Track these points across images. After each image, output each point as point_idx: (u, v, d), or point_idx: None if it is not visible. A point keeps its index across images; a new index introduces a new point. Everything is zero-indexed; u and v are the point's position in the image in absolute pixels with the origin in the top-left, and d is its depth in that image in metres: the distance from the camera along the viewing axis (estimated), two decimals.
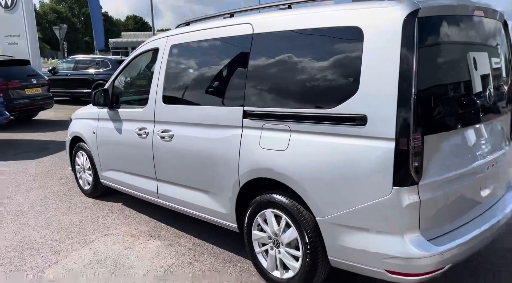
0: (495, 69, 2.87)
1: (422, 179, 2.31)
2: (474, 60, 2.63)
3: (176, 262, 3.39)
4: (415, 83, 2.20)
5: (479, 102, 2.66)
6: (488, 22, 2.82)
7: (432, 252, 2.30)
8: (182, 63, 3.57)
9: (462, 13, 2.56)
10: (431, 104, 2.32)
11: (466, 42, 2.64)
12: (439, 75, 2.39)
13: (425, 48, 2.28)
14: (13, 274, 3.25)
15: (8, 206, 4.79)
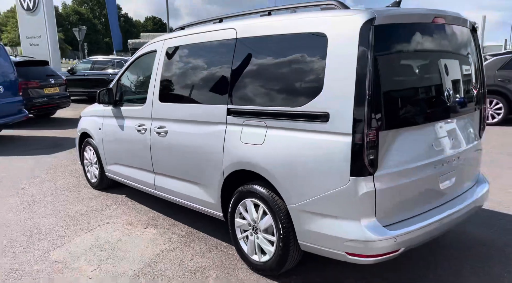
0: (457, 72, 3.09)
1: (378, 170, 2.55)
2: (431, 63, 2.87)
3: (168, 247, 3.69)
4: (369, 84, 2.45)
5: (436, 102, 2.88)
6: (451, 28, 3.03)
7: (386, 236, 2.55)
8: (175, 65, 3.88)
9: (420, 21, 2.79)
10: (386, 103, 2.55)
11: (423, 47, 2.86)
12: (393, 77, 2.62)
13: (380, 53, 2.52)
14: (21, 254, 3.61)
15: (22, 196, 5.19)
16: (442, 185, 2.95)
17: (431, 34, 2.88)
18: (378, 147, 2.55)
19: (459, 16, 3.15)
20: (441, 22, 2.90)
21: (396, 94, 2.63)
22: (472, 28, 3.31)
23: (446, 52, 3.02)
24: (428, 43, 2.88)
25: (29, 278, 3.21)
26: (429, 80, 2.87)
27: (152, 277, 3.19)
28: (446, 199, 3.02)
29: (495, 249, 3.53)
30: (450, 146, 3.00)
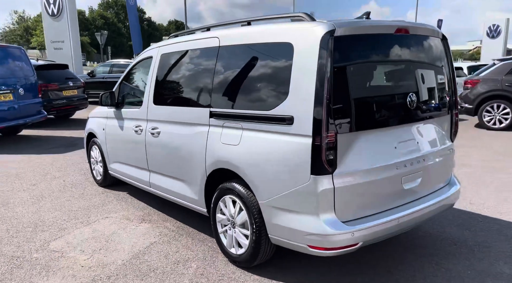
0: (422, 79, 3.25)
1: (337, 170, 2.75)
2: (392, 71, 3.04)
3: (158, 241, 3.96)
4: (327, 90, 2.65)
5: (398, 107, 3.05)
6: (417, 38, 3.21)
7: (343, 231, 2.74)
8: (168, 70, 4.16)
9: (382, 32, 2.97)
10: (344, 108, 2.75)
11: (384, 56, 3.05)
12: (352, 84, 2.80)
13: (339, 61, 2.72)
14: (24, 244, 3.94)
15: (32, 191, 5.57)
16: (405, 186, 3.11)
17: (393, 44, 3.06)
18: (337, 148, 2.74)
19: (427, 27, 3.32)
20: (404, 33, 3.08)
21: (355, 100, 2.81)
22: (443, 37, 3.47)
23: (410, 61, 3.19)
24: (390, 52, 3.06)
25: (28, 265, 3.52)
26: (390, 86, 3.05)
27: (138, 267, 3.45)
28: (411, 198, 3.18)
29: (465, 248, 3.66)
30: (414, 149, 3.16)
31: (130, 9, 21.41)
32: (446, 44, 3.51)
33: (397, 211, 3.03)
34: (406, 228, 3.17)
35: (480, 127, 10.26)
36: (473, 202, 4.84)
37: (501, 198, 4.97)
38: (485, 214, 4.46)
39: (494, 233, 3.96)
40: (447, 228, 4.10)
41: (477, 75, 10.39)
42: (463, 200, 4.87)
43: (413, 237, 3.91)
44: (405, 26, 3.08)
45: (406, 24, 3.11)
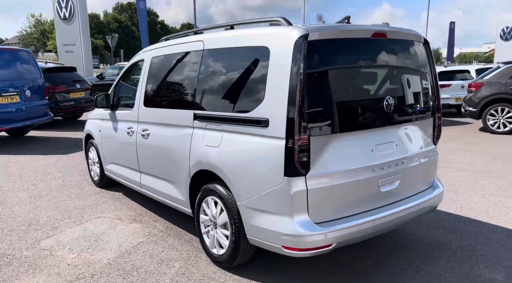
0: (400, 83, 3.27)
1: (310, 171, 2.78)
2: (368, 75, 3.06)
3: (145, 240, 4.03)
4: (300, 93, 2.69)
5: (374, 111, 3.07)
6: (396, 43, 3.23)
7: (316, 232, 2.77)
8: (157, 73, 4.24)
9: (358, 36, 3.00)
10: (317, 111, 2.78)
11: (360, 60, 3.07)
12: (326, 88, 2.83)
13: (312, 65, 2.75)
14: (16, 242, 4.04)
15: (31, 191, 5.70)
16: (383, 188, 3.12)
17: (370, 48, 3.09)
18: (310, 151, 2.77)
19: (409, 31, 3.34)
20: (382, 37, 3.10)
21: (328, 103, 2.84)
22: (425, 42, 3.48)
23: (388, 65, 3.21)
24: (367, 56, 3.09)
25: (17, 262, 3.62)
26: (366, 90, 3.07)
27: (122, 266, 3.52)
28: (389, 201, 3.19)
29: (448, 251, 3.65)
30: (393, 152, 3.18)
31: (140, 12, 21.69)
32: (428, 49, 3.53)
33: (373, 213, 3.05)
34: (384, 230, 3.18)
35: (484, 131, 10.13)
36: (464, 206, 4.81)
37: (492, 202, 4.92)
38: (474, 217, 4.43)
39: (480, 237, 3.93)
40: (432, 231, 4.09)
41: (481, 78, 10.28)
42: (454, 204, 4.85)
43: (396, 239, 3.91)
44: (382, 30, 3.11)
45: (383, 29, 3.13)
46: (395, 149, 3.21)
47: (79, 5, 18.78)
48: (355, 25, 3.09)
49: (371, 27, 3.08)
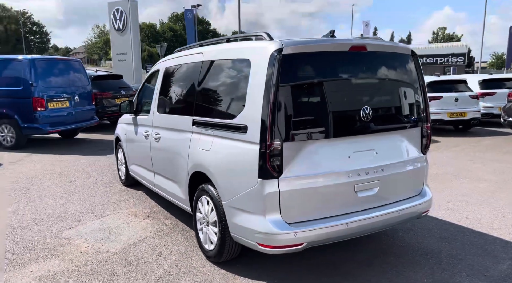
0: (382, 94, 3.40)
1: (283, 175, 3.00)
2: (344, 86, 3.23)
3: (152, 235, 4.40)
4: (273, 102, 2.92)
5: (349, 120, 3.23)
6: (378, 55, 3.37)
7: (286, 231, 2.98)
8: (167, 81, 4.63)
9: (335, 50, 3.18)
10: (290, 119, 2.99)
11: (337, 72, 3.25)
12: (299, 97, 3.04)
13: (287, 76, 2.98)
14: (43, 231, 4.57)
15: (67, 187, 6.31)
16: (360, 193, 3.26)
17: (348, 61, 3.26)
18: (283, 156, 2.99)
19: (394, 44, 3.48)
20: (361, 50, 3.25)
21: (302, 112, 3.04)
22: (413, 54, 3.58)
23: (367, 76, 3.36)
24: (344, 68, 3.26)
25: (39, 248, 4.11)
26: (340, 100, 3.23)
27: (126, 256, 3.90)
28: (367, 206, 3.31)
29: (435, 259, 3.69)
30: (371, 159, 3.31)
31: (188, 22, 22.65)
32: (416, 60, 3.62)
33: (348, 217, 3.20)
34: (361, 233, 3.32)
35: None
36: (470, 217, 4.75)
37: (502, 214, 4.82)
38: (476, 229, 4.38)
39: (474, 247, 3.92)
40: (427, 239, 4.12)
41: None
42: (460, 214, 4.81)
43: (387, 245, 4.00)
44: (361, 44, 3.27)
45: (362, 42, 3.29)
46: (375, 157, 3.34)
47: (132, 17, 20.00)
48: (333, 39, 3.27)
49: (349, 41, 3.25)
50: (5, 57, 10.12)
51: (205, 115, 3.73)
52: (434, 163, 7.63)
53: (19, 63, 9.49)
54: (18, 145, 9.59)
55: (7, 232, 4.54)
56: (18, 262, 3.81)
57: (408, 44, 73.82)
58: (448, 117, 10.88)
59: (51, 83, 9.74)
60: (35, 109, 9.32)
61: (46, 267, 3.69)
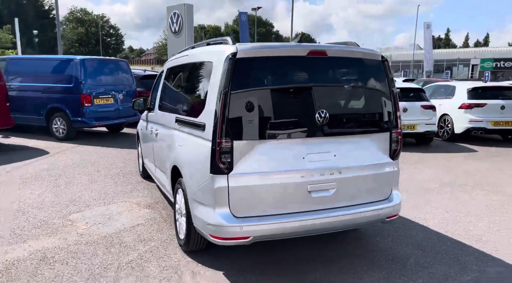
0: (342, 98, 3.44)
1: (233, 171, 3.18)
2: (299, 89, 3.33)
3: (144, 223, 4.76)
4: (225, 102, 3.11)
5: (303, 122, 3.32)
6: (340, 60, 3.43)
7: (232, 224, 3.16)
8: (166, 81, 4.97)
9: (292, 54, 3.30)
10: (241, 118, 3.16)
11: (293, 76, 3.35)
12: (252, 98, 3.18)
13: (240, 78, 3.15)
14: (55, 212, 5.10)
15: (93, 175, 6.90)
16: (314, 194, 3.34)
17: (306, 65, 3.36)
18: (233, 153, 3.17)
19: (361, 49, 3.51)
20: (320, 55, 3.33)
21: (253, 113, 3.19)
22: (382, 59, 3.58)
23: (328, 81, 3.43)
24: (301, 73, 3.36)
25: (45, 227, 4.63)
26: (294, 103, 3.33)
27: (111, 239, 4.28)
28: (321, 206, 3.38)
29: (398, 264, 3.69)
30: (328, 161, 3.37)
31: (242, 24, 23.20)
32: (385, 65, 3.61)
33: (298, 216, 3.29)
34: (311, 232, 3.40)
35: None
36: (461, 228, 4.57)
37: (498, 228, 4.60)
38: (461, 240, 4.24)
39: (447, 257, 3.82)
40: (403, 246, 4.07)
41: None
42: (452, 225, 4.66)
43: (358, 247, 4.03)
44: (320, 49, 3.35)
45: (321, 48, 3.37)
46: (333, 159, 3.40)
47: (187, 20, 20.89)
48: (291, 44, 3.39)
49: (307, 46, 3.34)
50: (61, 57, 11.19)
51: (182, 113, 4.01)
52: (460, 173, 7.31)
53: (72, 63, 10.43)
54: (68, 137, 10.54)
55: (25, 211, 5.13)
56: (22, 237, 4.33)
57: (485, 47, 68.76)
58: (492, 125, 10.23)
59: (98, 81, 10.60)
60: (83, 105, 10.20)
61: (42, 244, 4.17)
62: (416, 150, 9.58)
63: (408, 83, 13.54)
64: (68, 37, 67.33)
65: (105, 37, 75.76)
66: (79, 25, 69.79)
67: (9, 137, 11.00)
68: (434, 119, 10.00)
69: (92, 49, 69.17)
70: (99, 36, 70.12)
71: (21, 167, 7.50)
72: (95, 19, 75.51)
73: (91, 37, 72.30)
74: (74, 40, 68.56)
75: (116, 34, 77.70)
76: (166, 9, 21.91)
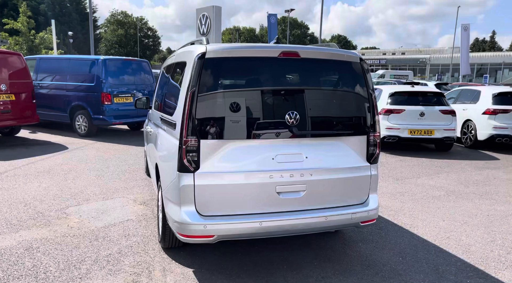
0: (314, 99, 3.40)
1: (199, 170, 3.20)
2: (269, 90, 3.31)
3: (134, 219, 4.86)
4: (190, 102, 3.14)
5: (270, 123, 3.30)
6: (313, 61, 3.39)
7: (196, 222, 3.18)
8: (160, 80, 5.07)
9: (263, 55, 3.29)
10: (208, 118, 3.18)
11: (263, 76, 3.33)
12: (219, 98, 3.20)
13: (208, 78, 3.18)
14: (54, 205, 5.30)
15: (101, 171, 7.12)
16: (282, 195, 3.31)
17: (277, 66, 3.33)
18: (200, 152, 3.19)
19: (337, 51, 3.45)
20: (293, 56, 3.30)
21: (222, 112, 3.20)
22: (360, 60, 3.51)
23: (300, 82, 3.40)
24: (271, 73, 3.34)
25: (40, 219, 4.82)
26: (263, 104, 3.30)
27: (97, 233, 4.40)
28: (289, 208, 3.34)
29: (371, 270, 3.60)
30: (299, 163, 3.33)
31: (271, 26, 23.22)
32: (363, 67, 3.53)
33: (266, 216, 3.27)
34: (278, 234, 3.37)
35: None
36: (452, 237, 4.40)
37: (492, 239, 4.38)
38: (448, 249, 4.08)
39: (425, 266, 3.68)
40: (384, 252, 3.96)
41: None
42: (444, 233, 4.47)
43: (335, 251, 3.97)
44: (292, 50, 3.32)
45: (294, 49, 3.33)
46: (304, 161, 3.36)
47: (215, 22, 21.17)
48: (262, 45, 3.38)
49: (279, 47, 3.32)
50: (86, 57, 11.61)
51: (164, 111, 4.08)
52: (472, 181, 7.01)
53: (95, 62, 10.82)
54: (89, 133, 10.93)
55: (27, 203, 5.36)
56: (16, 227, 4.54)
57: None
58: None
59: (119, 81, 10.94)
60: (103, 103, 10.56)
61: (32, 234, 4.34)
62: (434, 156, 9.27)
63: (422, 86, 12.95)
64: (108, 38, 69.70)
65: (143, 38, 77.85)
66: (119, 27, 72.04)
67: (36, 132, 11.52)
68: (454, 124, 9.61)
69: (130, 50, 71.29)
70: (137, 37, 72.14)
71: (38, 161, 7.84)
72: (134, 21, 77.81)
73: (130, 39, 74.49)
74: (114, 42, 70.85)
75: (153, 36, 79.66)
76: (196, 11, 22.29)
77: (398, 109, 9.48)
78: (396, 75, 33.72)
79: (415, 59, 58.89)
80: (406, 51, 66.53)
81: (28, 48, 29.75)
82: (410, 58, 60.16)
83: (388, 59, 62.17)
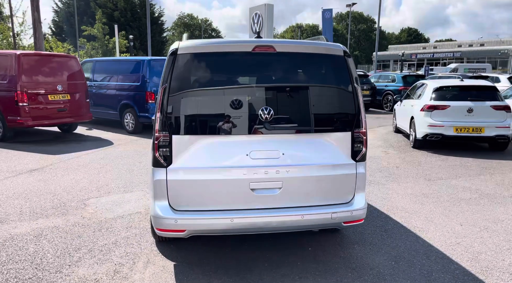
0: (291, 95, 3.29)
1: (172, 165, 3.24)
2: (242, 85, 3.26)
3: (142, 211, 5.03)
4: (162, 97, 3.20)
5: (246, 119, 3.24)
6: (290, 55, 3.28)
7: (168, 216, 3.23)
8: None
9: (236, 50, 3.25)
10: (181, 114, 3.20)
11: (236, 72, 3.28)
12: (191, 95, 3.21)
13: (180, 74, 3.21)
14: (78, 196, 5.64)
15: (132, 166, 7.45)
16: (256, 192, 3.25)
17: (252, 61, 3.27)
18: (172, 147, 3.23)
19: (319, 45, 3.33)
20: (268, 51, 3.22)
21: (194, 108, 3.22)
22: (344, 54, 3.33)
23: (276, 77, 3.29)
24: (246, 68, 3.27)
25: (61, 208, 5.15)
26: (236, 99, 3.24)
27: (104, 223, 4.61)
28: (264, 206, 3.27)
29: (357, 273, 3.45)
30: (275, 159, 3.25)
31: (325, 21, 22.80)
32: (347, 61, 3.34)
33: (238, 213, 3.23)
34: (251, 230, 3.32)
35: None
36: (462, 242, 4.02)
37: (507, 247, 3.93)
38: (451, 255, 3.75)
39: (417, 272, 3.43)
40: (378, 255, 3.75)
41: None
42: (456, 239, 4.12)
43: (324, 252, 3.83)
44: (267, 44, 3.24)
45: (269, 43, 3.25)
46: (281, 157, 3.26)
47: (267, 20, 21.19)
48: (236, 40, 3.33)
49: (253, 42, 3.25)
50: (134, 58, 12.22)
51: None
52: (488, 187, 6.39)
53: (140, 63, 11.35)
54: (135, 130, 11.49)
55: (56, 193, 5.76)
56: (37, 215, 4.90)
57: None
58: None
59: None
60: (147, 101, 11.03)
61: (47, 223, 4.67)
62: (483, 156, 8.54)
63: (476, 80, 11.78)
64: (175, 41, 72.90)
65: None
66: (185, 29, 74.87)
67: (92, 129, 12.33)
68: (509, 121, 8.76)
69: None
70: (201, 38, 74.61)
71: (82, 155, 8.39)
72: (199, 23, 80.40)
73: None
74: None
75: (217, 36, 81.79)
76: (249, 10, 22.47)
77: (443, 105, 8.85)
78: (471, 68, 31.31)
79: (496, 51, 53.34)
80: (486, 42, 60.36)
81: (103, 52, 32.01)
82: (490, 50, 54.55)
83: (464, 51, 57.31)
